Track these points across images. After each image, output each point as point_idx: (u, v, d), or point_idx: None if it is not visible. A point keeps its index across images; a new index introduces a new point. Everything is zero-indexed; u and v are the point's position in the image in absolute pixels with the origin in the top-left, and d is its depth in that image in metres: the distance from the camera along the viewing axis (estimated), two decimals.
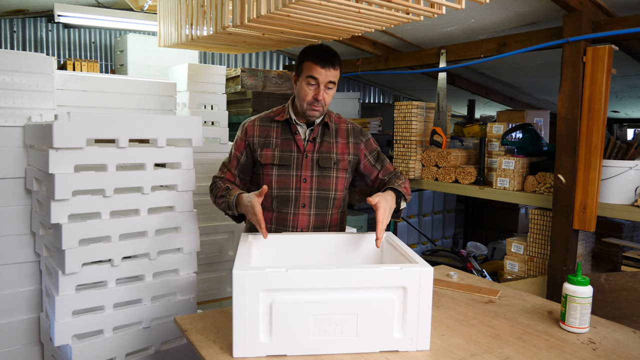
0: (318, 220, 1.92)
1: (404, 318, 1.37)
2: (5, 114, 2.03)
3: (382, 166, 2.00)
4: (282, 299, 1.33)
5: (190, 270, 2.15)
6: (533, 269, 3.08)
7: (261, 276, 1.32)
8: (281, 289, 1.33)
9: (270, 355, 1.33)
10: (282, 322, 1.33)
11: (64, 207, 1.80)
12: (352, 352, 1.36)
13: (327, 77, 1.79)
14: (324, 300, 1.35)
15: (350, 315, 1.36)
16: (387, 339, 1.36)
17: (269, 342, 1.33)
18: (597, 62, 2.58)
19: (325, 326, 1.35)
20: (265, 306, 1.33)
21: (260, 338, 1.33)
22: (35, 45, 4.38)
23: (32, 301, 2.15)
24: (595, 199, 2.62)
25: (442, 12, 1.84)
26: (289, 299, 1.34)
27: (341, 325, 1.35)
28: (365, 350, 1.36)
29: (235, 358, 1.32)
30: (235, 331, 1.32)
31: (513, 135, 3.30)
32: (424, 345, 1.37)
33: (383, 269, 1.35)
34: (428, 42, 3.84)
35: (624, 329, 1.55)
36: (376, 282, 1.35)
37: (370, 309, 1.36)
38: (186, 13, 2.46)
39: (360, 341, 1.36)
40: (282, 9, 1.76)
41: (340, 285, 1.35)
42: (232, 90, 3.86)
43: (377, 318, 1.36)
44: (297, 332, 1.34)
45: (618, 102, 5.38)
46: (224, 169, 1.98)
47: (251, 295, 1.32)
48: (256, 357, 1.33)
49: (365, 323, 1.35)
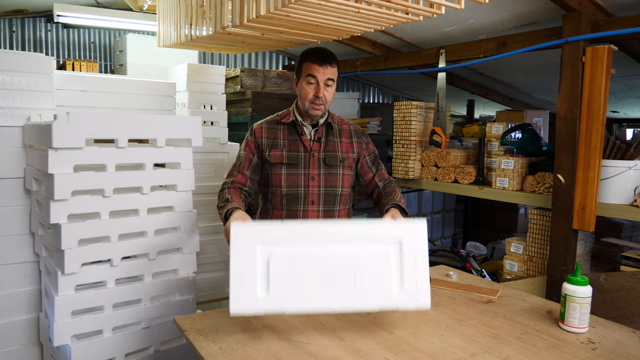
0: (326, 216, 1.99)
1: (401, 273, 1.37)
2: (4, 114, 2.03)
3: (377, 170, 2.07)
4: (279, 252, 1.33)
5: (190, 270, 2.15)
6: (532, 269, 3.08)
7: (258, 229, 1.33)
8: (278, 241, 1.34)
9: (268, 311, 1.31)
10: (280, 276, 1.32)
11: (63, 207, 1.80)
12: (350, 309, 1.36)
13: (325, 74, 1.87)
14: (322, 254, 1.35)
15: (347, 269, 1.36)
16: (386, 294, 1.36)
17: (266, 297, 1.32)
18: (597, 62, 2.58)
19: (323, 280, 1.34)
20: (263, 260, 1.33)
21: (258, 293, 1.32)
22: (35, 45, 4.37)
23: (32, 301, 2.15)
24: (594, 199, 2.62)
25: (441, 12, 1.84)
26: (286, 252, 1.33)
27: (339, 279, 1.35)
28: (364, 307, 1.35)
29: (233, 315, 1.31)
30: (232, 286, 1.30)
31: (512, 135, 3.30)
32: (424, 302, 1.36)
33: (378, 222, 1.41)
34: (427, 42, 3.84)
35: (623, 328, 1.55)
36: (372, 236, 1.37)
37: (367, 263, 1.36)
38: (185, 13, 2.46)
39: (358, 297, 1.35)
40: (282, 9, 1.76)
41: (337, 239, 1.36)
42: (232, 90, 3.86)
43: (374, 272, 1.36)
44: (294, 287, 1.32)
45: (617, 102, 5.39)
46: (233, 172, 1.99)
47: (248, 248, 1.32)
48: (253, 313, 1.31)
49: (363, 278, 1.36)
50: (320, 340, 1.42)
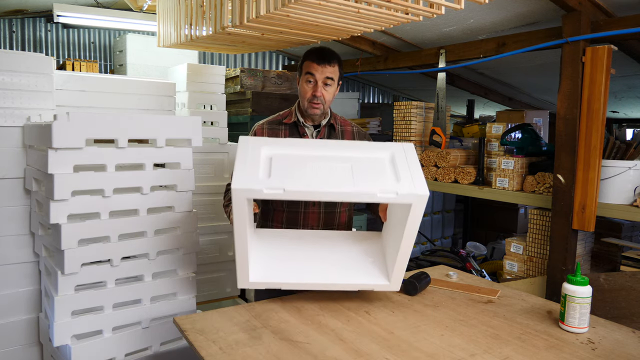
0: (328, 218, 1.98)
1: (396, 170, 1.49)
2: (4, 114, 2.03)
3: None
4: (282, 152, 1.52)
5: (190, 271, 2.15)
6: (532, 269, 3.08)
7: (265, 139, 1.56)
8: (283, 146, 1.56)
9: (269, 189, 1.38)
10: (282, 166, 1.46)
11: (63, 207, 1.80)
12: (349, 195, 1.45)
13: (323, 73, 1.86)
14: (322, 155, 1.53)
15: (345, 165, 1.50)
16: (384, 184, 1.44)
17: (267, 179, 1.42)
18: (597, 62, 2.58)
19: (322, 171, 1.47)
20: (267, 157, 1.48)
21: (260, 175, 1.43)
22: (35, 46, 4.37)
23: (32, 301, 2.15)
24: (594, 199, 2.62)
25: (441, 12, 1.84)
26: (289, 153, 1.52)
27: (337, 171, 1.48)
28: (362, 191, 1.43)
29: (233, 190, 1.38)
30: (236, 171, 1.42)
31: (512, 135, 3.30)
32: (423, 191, 1.42)
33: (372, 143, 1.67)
34: (427, 42, 3.84)
35: (623, 328, 1.55)
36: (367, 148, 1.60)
37: (364, 162, 1.52)
38: (185, 13, 2.46)
39: (357, 185, 1.43)
40: (281, 9, 1.76)
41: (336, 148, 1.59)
42: (232, 91, 3.86)
43: (371, 168, 1.51)
44: (295, 175, 1.44)
45: (617, 102, 5.39)
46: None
47: (253, 149, 1.49)
48: (256, 189, 1.38)
49: (359, 171, 1.48)
50: (320, 340, 1.42)
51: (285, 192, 1.38)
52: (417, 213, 1.46)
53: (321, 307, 1.67)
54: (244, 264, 1.55)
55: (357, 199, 1.57)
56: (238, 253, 1.53)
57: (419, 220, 1.48)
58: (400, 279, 1.64)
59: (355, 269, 1.69)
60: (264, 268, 1.64)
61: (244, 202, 1.40)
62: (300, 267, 1.68)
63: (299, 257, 1.72)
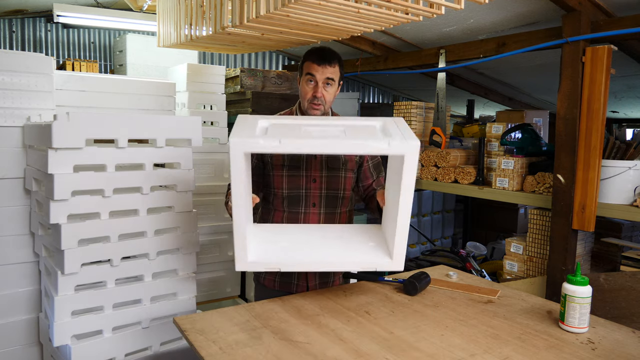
0: (328, 219, 1.97)
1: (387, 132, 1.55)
2: (4, 114, 2.03)
3: (377, 176, 2.06)
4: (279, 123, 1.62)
5: (190, 271, 2.15)
6: (532, 269, 3.08)
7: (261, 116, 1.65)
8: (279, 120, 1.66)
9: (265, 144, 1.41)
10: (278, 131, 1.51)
11: (63, 207, 1.80)
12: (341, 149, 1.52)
13: (323, 73, 1.86)
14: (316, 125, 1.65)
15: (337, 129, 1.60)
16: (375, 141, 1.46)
17: (263, 136, 1.46)
18: (597, 62, 2.58)
19: (316, 133, 1.55)
20: (263, 127, 1.58)
21: (257, 133, 1.50)
22: (34, 46, 4.37)
23: (31, 301, 2.15)
24: (594, 199, 2.62)
25: (441, 12, 1.84)
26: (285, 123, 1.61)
27: (330, 133, 1.56)
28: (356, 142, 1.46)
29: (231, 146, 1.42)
30: (233, 132, 1.47)
31: (512, 135, 3.30)
32: (414, 144, 1.44)
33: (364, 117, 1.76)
34: (427, 42, 3.84)
35: (623, 328, 1.55)
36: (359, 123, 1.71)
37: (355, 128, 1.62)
38: (185, 13, 2.46)
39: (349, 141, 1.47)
40: (281, 9, 1.76)
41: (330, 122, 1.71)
42: (232, 90, 3.86)
43: (362, 129, 1.61)
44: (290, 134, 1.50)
45: (617, 102, 5.39)
46: None
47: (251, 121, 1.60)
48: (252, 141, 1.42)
49: (351, 131, 1.56)
50: (320, 340, 1.42)
51: (281, 144, 1.40)
52: (411, 166, 1.46)
53: (321, 307, 1.67)
54: (242, 241, 1.52)
55: (351, 151, 1.56)
56: (236, 228, 1.50)
57: (413, 175, 1.47)
58: (402, 257, 1.61)
59: (357, 250, 1.69)
60: (264, 250, 1.63)
61: (241, 157, 1.42)
62: (301, 248, 1.68)
63: (299, 240, 1.73)
